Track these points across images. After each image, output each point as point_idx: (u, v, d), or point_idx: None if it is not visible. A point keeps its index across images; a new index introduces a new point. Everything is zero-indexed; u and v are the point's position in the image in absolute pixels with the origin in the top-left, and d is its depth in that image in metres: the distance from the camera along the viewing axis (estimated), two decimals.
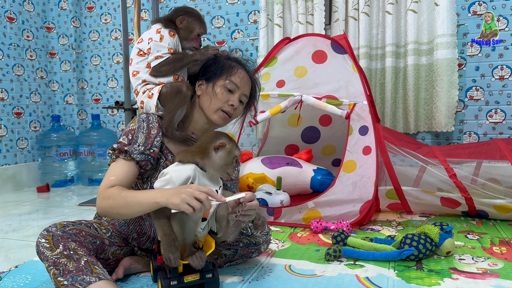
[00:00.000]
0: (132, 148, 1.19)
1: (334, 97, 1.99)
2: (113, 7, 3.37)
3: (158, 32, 1.29)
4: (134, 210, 1.11)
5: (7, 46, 3.05)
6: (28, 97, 3.24)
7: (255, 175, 2.24)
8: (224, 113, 1.29)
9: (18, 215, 2.33)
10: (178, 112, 1.27)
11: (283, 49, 2.19)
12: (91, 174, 3.26)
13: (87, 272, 1.04)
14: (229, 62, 1.32)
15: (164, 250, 1.09)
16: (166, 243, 1.09)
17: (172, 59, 1.27)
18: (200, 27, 1.36)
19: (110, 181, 1.16)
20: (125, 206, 1.11)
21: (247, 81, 1.33)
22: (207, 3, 3.09)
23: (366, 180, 1.85)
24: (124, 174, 1.18)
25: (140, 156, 1.20)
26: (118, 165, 1.19)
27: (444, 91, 2.44)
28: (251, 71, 1.37)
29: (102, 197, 1.15)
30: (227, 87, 1.28)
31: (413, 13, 2.48)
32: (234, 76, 1.29)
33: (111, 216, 1.20)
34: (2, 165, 3.01)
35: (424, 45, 2.52)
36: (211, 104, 1.28)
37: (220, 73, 1.29)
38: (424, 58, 2.52)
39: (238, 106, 1.31)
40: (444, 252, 1.47)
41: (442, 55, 2.42)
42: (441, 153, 2.04)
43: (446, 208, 1.99)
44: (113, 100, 3.44)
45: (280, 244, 1.66)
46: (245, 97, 1.33)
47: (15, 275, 1.39)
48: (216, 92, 1.28)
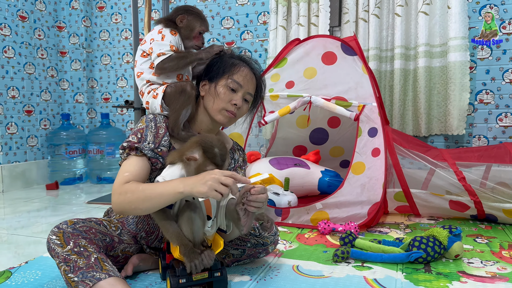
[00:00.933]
0: (143, 145, 1.20)
1: (344, 99, 1.99)
2: (124, 7, 3.40)
3: (159, 33, 1.29)
4: (154, 203, 1.08)
5: (18, 45, 3.08)
6: (39, 95, 3.27)
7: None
8: (228, 113, 1.28)
9: (27, 212, 2.35)
10: (183, 112, 1.26)
11: (292, 50, 2.20)
12: (99, 172, 3.29)
13: (97, 269, 1.05)
14: (232, 60, 1.31)
15: (186, 258, 1.10)
16: (186, 251, 1.10)
17: (176, 56, 1.27)
18: (201, 25, 1.35)
19: (125, 177, 1.15)
20: (145, 199, 1.08)
21: (250, 79, 1.30)
22: (217, 4, 3.10)
23: (374, 182, 1.84)
24: (138, 169, 1.18)
25: (150, 153, 1.21)
26: (131, 162, 1.19)
27: (456, 94, 2.43)
28: (256, 68, 1.34)
29: (118, 193, 1.12)
30: (230, 86, 1.27)
31: (424, 15, 2.47)
32: (236, 74, 1.28)
33: (128, 213, 1.17)
34: (12, 162, 3.04)
35: (436, 48, 2.51)
36: (214, 104, 1.28)
37: (223, 72, 1.28)
38: (436, 60, 2.51)
39: (242, 105, 1.29)
40: (452, 255, 1.47)
41: (454, 57, 2.41)
42: (450, 156, 2.03)
43: (454, 211, 1.98)
44: (122, 99, 3.46)
45: (288, 245, 1.66)
46: (249, 95, 1.31)
47: (25, 270, 1.41)
48: (219, 92, 1.27)
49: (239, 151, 1.46)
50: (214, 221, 1.19)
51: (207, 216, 1.16)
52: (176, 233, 1.13)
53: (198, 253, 1.11)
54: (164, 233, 1.16)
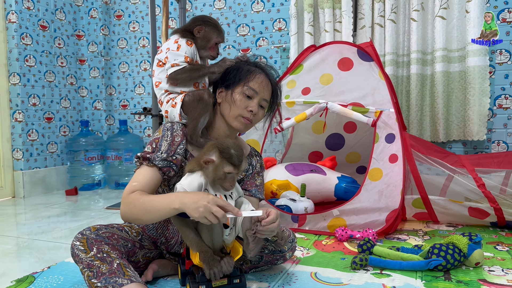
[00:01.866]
0: (155, 156, 1.22)
1: (360, 105, 1.99)
2: (141, 15, 3.45)
3: (175, 42, 1.32)
4: (154, 216, 1.13)
5: (39, 53, 3.16)
6: (59, 103, 3.34)
7: (279, 181, 2.25)
8: (244, 119, 1.30)
9: (47, 217, 2.40)
10: (201, 120, 1.28)
11: (308, 56, 2.20)
12: (117, 178, 3.34)
13: (120, 275, 1.07)
14: (248, 67, 1.32)
15: (206, 266, 1.12)
16: (206, 259, 1.12)
17: (189, 68, 1.29)
18: (218, 36, 1.37)
19: (133, 186, 1.18)
20: (145, 212, 1.13)
21: (266, 85, 1.32)
22: (232, 11, 3.13)
23: (392, 189, 1.83)
24: (146, 179, 1.21)
25: (162, 163, 1.22)
26: (142, 171, 1.22)
27: (476, 99, 2.40)
28: (271, 74, 1.36)
29: (124, 203, 1.17)
30: (245, 94, 1.29)
31: (441, 20, 2.45)
32: (252, 81, 1.29)
33: (133, 222, 1.22)
34: (33, 168, 3.11)
35: (454, 52, 2.49)
36: (231, 111, 1.30)
37: (239, 80, 1.30)
38: (455, 65, 2.49)
39: (258, 111, 1.31)
40: (472, 263, 1.45)
41: (473, 62, 2.38)
42: (469, 162, 2.01)
43: (474, 218, 1.95)
44: (140, 106, 3.51)
45: (305, 252, 1.66)
46: (265, 101, 1.33)
47: (48, 275, 1.44)
48: (235, 99, 1.29)
49: (257, 156, 1.47)
50: (232, 229, 1.21)
51: (225, 224, 1.18)
52: (196, 239, 1.14)
53: (217, 260, 1.12)
54: (184, 239, 1.18)
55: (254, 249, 1.17)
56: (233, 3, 3.13)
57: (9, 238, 1.97)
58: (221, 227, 1.18)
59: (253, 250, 1.17)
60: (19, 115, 3.01)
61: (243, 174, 1.40)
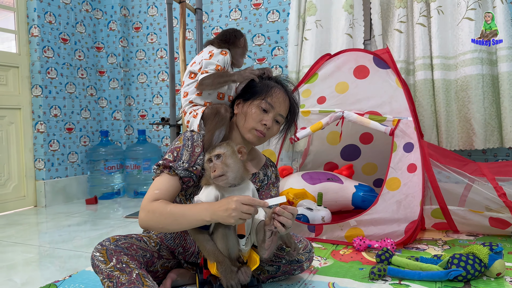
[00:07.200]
0: (177, 165, 1.24)
1: (377, 113, 1.97)
2: (159, 27, 3.52)
3: (209, 53, 1.36)
4: (181, 226, 1.17)
5: (60, 66, 3.24)
6: (79, 113, 3.42)
7: (296, 190, 2.24)
8: (257, 132, 1.31)
9: (68, 226, 2.44)
10: (217, 133, 1.30)
11: (323, 65, 2.19)
12: (136, 187, 3.38)
13: (139, 285, 1.08)
14: (268, 82, 1.34)
15: (223, 278, 1.13)
16: (223, 270, 1.13)
17: (213, 74, 1.32)
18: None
19: (155, 194, 1.20)
20: (173, 222, 1.16)
21: (283, 101, 1.34)
22: (248, 21, 3.16)
23: (411, 199, 1.80)
24: (168, 188, 1.23)
25: (184, 173, 1.24)
26: (162, 179, 1.24)
27: (506, 106, 2.33)
28: (290, 91, 1.38)
29: (146, 210, 1.19)
30: (262, 107, 1.31)
31: (469, 21, 2.39)
32: (270, 97, 1.31)
33: (154, 230, 1.24)
34: (54, 178, 3.17)
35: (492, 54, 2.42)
36: (245, 123, 1.32)
37: (259, 94, 1.32)
38: (484, 68, 2.40)
39: (273, 125, 1.33)
40: (494, 274, 1.42)
41: (504, 68, 2.33)
42: (489, 171, 1.97)
43: (495, 229, 1.91)
44: (158, 116, 3.56)
45: (323, 261, 1.66)
46: (280, 117, 1.34)
47: (69, 284, 1.47)
48: (251, 112, 1.31)
49: (272, 167, 1.48)
50: (248, 238, 1.21)
51: (241, 235, 1.18)
52: (212, 250, 1.16)
53: (235, 272, 1.13)
54: (200, 249, 1.19)
55: (270, 247, 1.15)
56: (248, 14, 3.16)
57: (31, 247, 2.01)
58: (236, 236, 1.18)
59: (268, 249, 1.15)
60: (41, 126, 3.09)
61: (258, 185, 1.41)
